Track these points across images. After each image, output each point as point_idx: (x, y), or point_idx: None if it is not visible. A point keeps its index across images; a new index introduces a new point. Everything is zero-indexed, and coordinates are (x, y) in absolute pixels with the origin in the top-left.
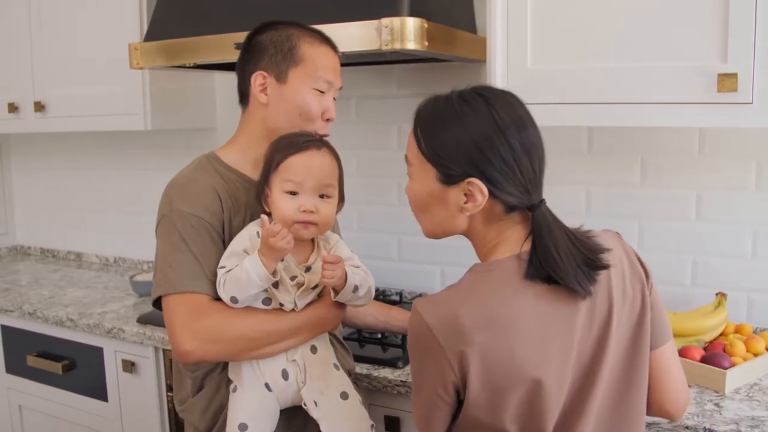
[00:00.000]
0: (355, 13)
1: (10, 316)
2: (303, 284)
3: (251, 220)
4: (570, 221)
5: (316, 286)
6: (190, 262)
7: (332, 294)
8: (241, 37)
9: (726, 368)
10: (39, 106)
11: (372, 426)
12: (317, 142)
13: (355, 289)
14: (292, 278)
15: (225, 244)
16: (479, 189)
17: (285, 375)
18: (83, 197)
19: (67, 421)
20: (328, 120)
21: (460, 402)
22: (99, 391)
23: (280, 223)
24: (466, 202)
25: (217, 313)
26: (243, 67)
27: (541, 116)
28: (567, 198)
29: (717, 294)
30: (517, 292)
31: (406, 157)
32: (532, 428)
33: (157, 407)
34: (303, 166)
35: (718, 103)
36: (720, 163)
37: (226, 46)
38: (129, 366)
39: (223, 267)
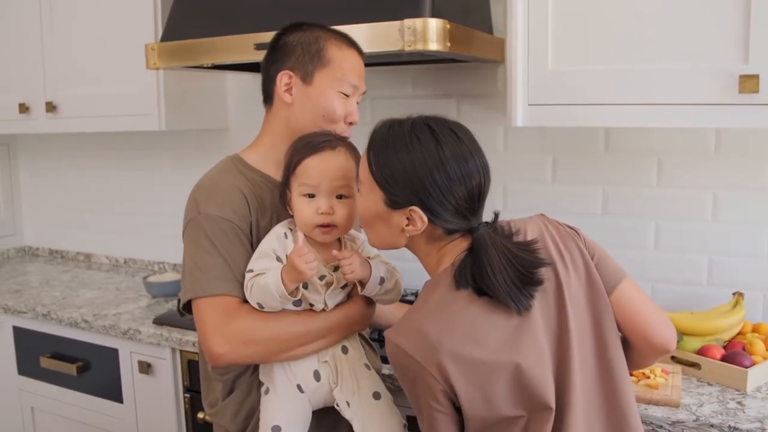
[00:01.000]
0: (377, 14)
1: (23, 318)
2: (332, 283)
3: (278, 221)
4: (586, 221)
5: (345, 286)
6: (220, 265)
7: (359, 288)
8: (262, 37)
9: (747, 367)
10: (50, 107)
11: (405, 426)
12: (333, 141)
13: (382, 281)
14: (321, 278)
15: (253, 246)
16: (419, 217)
17: (317, 376)
18: (91, 198)
19: (80, 422)
20: (351, 123)
21: (459, 412)
22: (114, 393)
23: (302, 228)
24: (407, 225)
25: (248, 316)
26: (268, 67)
27: (561, 117)
28: (584, 197)
29: (734, 293)
30: (464, 295)
31: (357, 174)
32: (535, 405)
33: (174, 408)
34: (317, 168)
35: (740, 104)
36: (736, 163)
37: (246, 46)
38: (145, 367)
39: (251, 270)
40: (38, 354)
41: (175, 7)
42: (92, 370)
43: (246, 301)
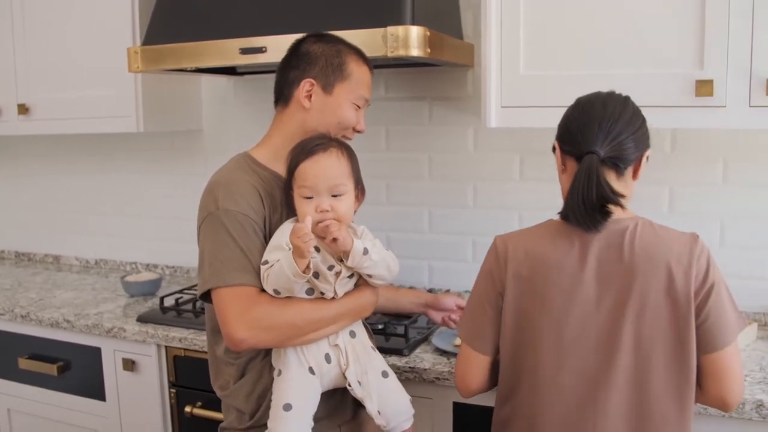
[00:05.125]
0: (361, 21)
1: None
2: (340, 273)
3: (287, 216)
4: (552, 216)
5: (352, 275)
6: (239, 256)
7: (344, 259)
8: (247, 42)
9: None
10: (23, 109)
11: (410, 399)
12: (325, 144)
13: (366, 251)
14: (330, 268)
15: (266, 240)
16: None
17: (328, 359)
18: (59, 200)
19: (61, 422)
20: (358, 131)
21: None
22: (96, 391)
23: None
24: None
25: (266, 304)
26: (288, 72)
27: (532, 119)
28: (548, 194)
29: None
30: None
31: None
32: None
33: (159, 404)
34: (312, 171)
35: (696, 106)
36: (690, 161)
37: (232, 51)
38: (129, 365)
39: (266, 262)
40: (16, 355)
41: (156, 11)
42: (73, 370)
43: (264, 291)
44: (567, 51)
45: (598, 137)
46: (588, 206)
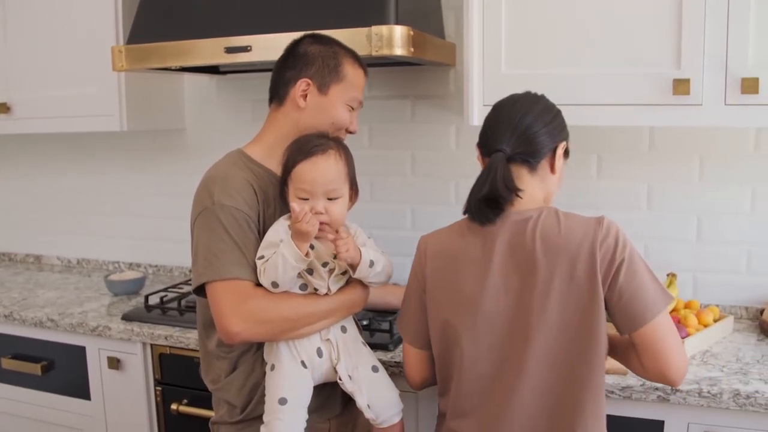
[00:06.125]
0: (346, 21)
1: None
2: (334, 270)
3: (281, 212)
4: None
5: (345, 272)
6: (234, 251)
7: (350, 271)
8: (231, 41)
9: (683, 338)
10: (4, 108)
11: (399, 394)
12: (323, 145)
13: (371, 264)
14: (324, 264)
15: (260, 234)
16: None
17: (319, 353)
18: (40, 199)
19: (45, 422)
20: (350, 132)
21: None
22: (81, 390)
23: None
24: None
25: (261, 297)
26: (284, 71)
27: None
28: None
29: (668, 274)
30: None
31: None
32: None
33: (145, 401)
34: (309, 174)
35: (674, 104)
36: (667, 158)
37: (217, 50)
38: (114, 363)
39: (262, 257)
40: None
41: (140, 10)
42: (57, 369)
43: (258, 285)
44: (547, 50)
45: (505, 134)
46: (480, 201)
